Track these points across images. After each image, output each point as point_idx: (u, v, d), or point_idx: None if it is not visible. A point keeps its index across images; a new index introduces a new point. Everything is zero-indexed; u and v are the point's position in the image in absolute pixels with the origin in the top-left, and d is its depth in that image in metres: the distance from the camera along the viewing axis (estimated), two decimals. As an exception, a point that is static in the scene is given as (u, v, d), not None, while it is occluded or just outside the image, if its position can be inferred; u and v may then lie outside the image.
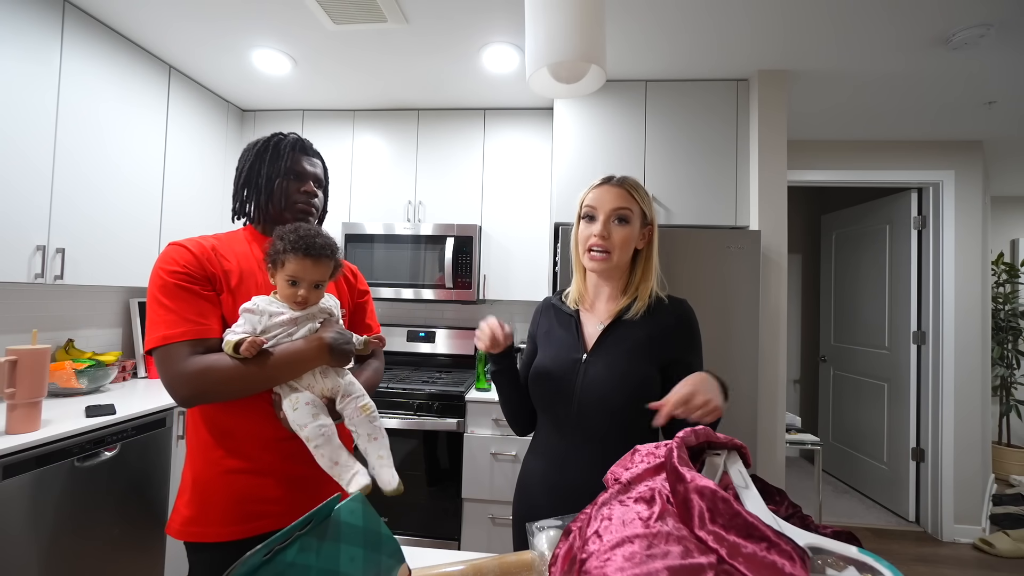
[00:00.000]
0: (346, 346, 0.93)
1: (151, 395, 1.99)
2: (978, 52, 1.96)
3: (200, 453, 0.95)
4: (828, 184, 3.07)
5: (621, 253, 1.00)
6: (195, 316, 0.88)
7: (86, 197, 1.89)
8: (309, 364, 0.90)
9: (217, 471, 0.93)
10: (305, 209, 1.04)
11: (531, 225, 2.62)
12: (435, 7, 1.81)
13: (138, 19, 1.94)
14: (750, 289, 2.00)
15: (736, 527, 0.45)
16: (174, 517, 0.95)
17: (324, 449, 0.87)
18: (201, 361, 0.86)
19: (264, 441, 0.94)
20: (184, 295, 0.89)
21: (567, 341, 1.05)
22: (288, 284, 0.91)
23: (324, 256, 0.92)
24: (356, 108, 2.75)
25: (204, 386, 0.85)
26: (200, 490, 0.93)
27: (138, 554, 1.78)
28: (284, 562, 0.52)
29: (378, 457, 0.90)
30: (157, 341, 0.86)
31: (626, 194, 1.00)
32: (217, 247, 0.96)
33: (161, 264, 0.90)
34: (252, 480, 0.93)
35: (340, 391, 0.93)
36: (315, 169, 1.07)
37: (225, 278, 0.94)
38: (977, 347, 2.88)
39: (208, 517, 0.92)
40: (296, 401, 0.89)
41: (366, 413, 0.93)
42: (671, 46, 2.03)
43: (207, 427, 0.95)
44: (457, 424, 2.22)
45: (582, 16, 0.89)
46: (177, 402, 0.87)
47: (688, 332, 1.01)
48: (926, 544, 2.80)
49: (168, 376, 0.86)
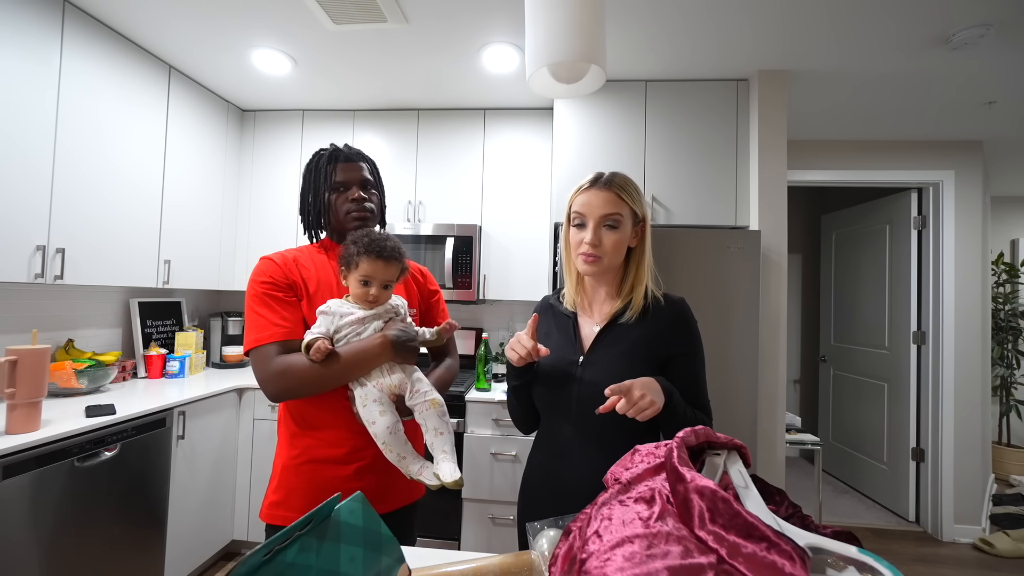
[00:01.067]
0: (410, 342, 0.99)
1: (151, 395, 1.99)
2: (978, 52, 1.96)
3: (288, 443, 1.05)
4: (828, 184, 3.07)
5: (613, 257, 0.99)
6: (280, 320, 0.98)
7: (86, 197, 1.89)
8: (375, 361, 0.97)
9: (302, 460, 1.02)
10: (359, 215, 1.09)
11: (531, 225, 2.62)
12: (435, 7, 1.81)
13: (138, 19, 1.94)
14: (750, 289, 1.99)
15: (736, 527, 0.45)
16: (265, 501, 1.05)
17: (391, 445, 0.94)
18: (283, 361, 0.95)
19: (345, 433, 1.02)
20: (271, 302, 0.99)
21: (564, 343, 1.05)
22: (360, 284, 0.99)
23: (393, 258, 1.00)
24: (356, 108, 2.75)
25: (285, 384, 0.94)
26: (287, 477, 1.03)
27: (138, 554, 1.78)
28: (284, 562, 0.52)
29: (442, 452, 0.95)
30: (250, 344, 0.97)
31: (615, 198, 0.97)
32: (299, 258, 1.07)
33: (253, 277, 1.02)
34: (331, 470, 1.02)
35: (408, 387, 0.98)
36: (358, 173, 1.11)
37: (304, 285, 1.04)
38: (977, 347, 2.88)
39: (292, 503, 1.01)
40: (365, 398, 0.96)
41: (435, 408, 0.97)
42: (671, 46, 2.03)
43: (294, 419, 1.05)
44: (457, 424, 2.22)
45: (582, 16, 0.89)
46: (268, 398, 0.96)
47: (685, 330, 1.01)
48: (926, 544, 2.80)
49: (259, 375, 0.96)
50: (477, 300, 2.57)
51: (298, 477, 1.02)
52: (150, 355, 2.32)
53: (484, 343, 2.42)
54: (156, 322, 2.50)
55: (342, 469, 1.02)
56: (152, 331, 2.46)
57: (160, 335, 2.50)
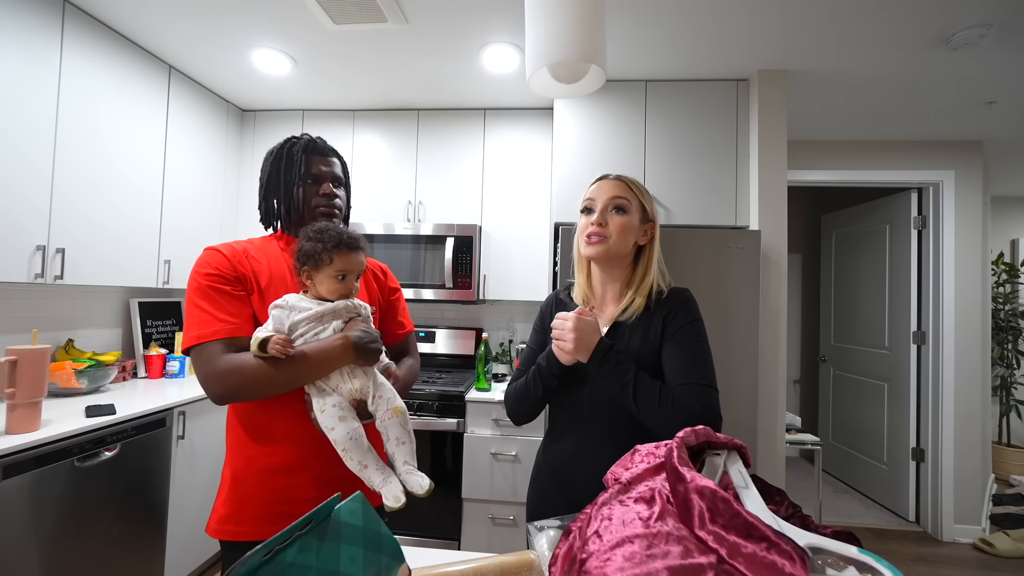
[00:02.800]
0: (372, 345, 0.92)
1: (151, 395, 1.99)
2: (978, 52, 1.96)
3: (238, 451, 0.96)
4: (828, 184, 3.07)
5: (618, 240, 0.99)
6: (227, 316, 0.90)
7: (86, 197, 1.89)
8: (335, 363, 0.90)
9: (255, 470, 0.94)
10: (327, 211, 1.04)
11: (531, 225, 2.62)
12: (435, 7, 1.81)
13: (138, 19, 1.94)
14: (750, 289, 1.99)
15: (736, 527, 0.45)
16: (212, 515, 0.96)
17: (352, 452, 0.87)
18: (231, 360, 0.87)
19: (300, 440, 0.95)
20: (216, 296, 0.91)
21: None
22: (337, 279, 0.93)
23: (362, 248, 0.97)
24: (356, 108, 2.75)
25: (234, 384, 0.86)
26: (237, 488, 0.95)
27: (138, 554, 1.78)
28: (284, 562, 0.52)
29: (404, 463, 0.89)
30: (192, 340, 0.89)
31: (623, 185, 1.02)
32: (249, 250, 0.99)
33: (196, 268, 0.94)
34: (288, 479, 0.94)
35: (370, 392, 0.92)
36: (331, 169, 1.06)
37: (255, 278, 0.96)
38: (977, 347, 2.88)
39: (244, 516, 0.94)
40: (323, 403, 0.90)
41: (397, 416, 0.92)
42: (671, 46, 2.03)
43: (244, 426, 0.96)
44: (457, 424, 2.22)
45: (582, 16, 0.89)
46: (212, 400, 0.88)
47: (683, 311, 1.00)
48: (926, 544, 2.80)
49: (202, 374, 0.88)
50: (477, 300, 2.57)
51: (251, 488, 0.94)
52: (150, 355, 2.32)
53: (484, 343, 2.42)
54: (156, 322, 2.50)
55: (298, 477, 0.95)
56: (152, 331, 2.46)
57: (160, 335, 2.50)
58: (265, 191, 1.05)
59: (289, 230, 1.06)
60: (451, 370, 2.74)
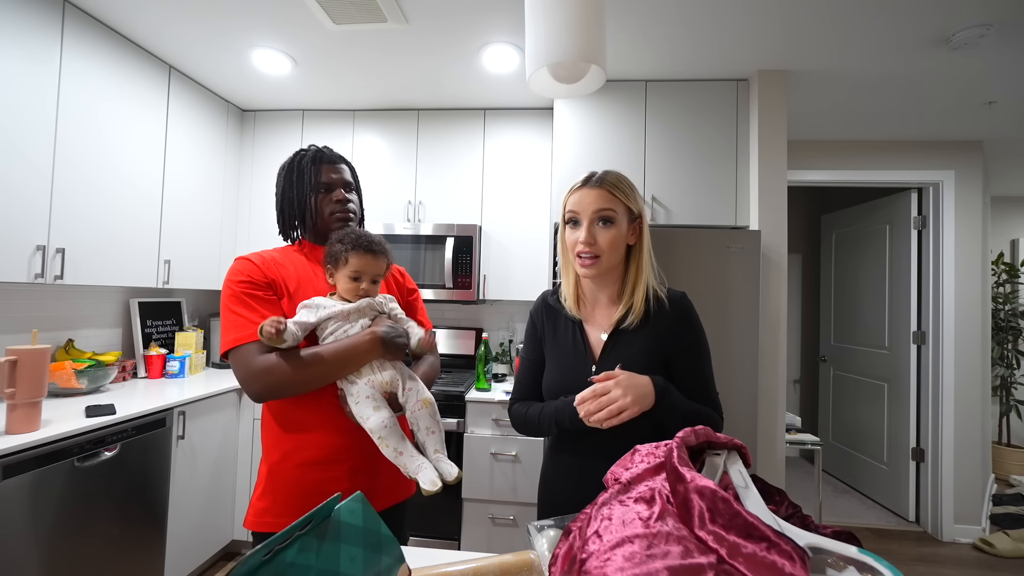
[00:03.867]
0: (398, 339, 0.98)
1: (151, 395, 1.99)
2: (978, 52, 1.96)
3: (274, 447, 1.01)
4: (828, 184, 3.07)
5: (610, 255, 0.97)
6: (261, 319, 0.94)
7: (86, 197, 1.89)
8: (364, 357, 0.95)
9: (291, 464, 0.99)
10: (343, 217, 1.09)
11: (531, 225, 2.62)
12: (435, 7, 1.81)
13: (138, 19, 1.94)
14: (750, 289, 1.99)
15: (736, 527, 0.45)
16: (250, 509, 1.01)
17: (388, 440, 0.92)
18: (266, 359, 0.91)
19: (334, 433, 1.00)
20: (250, 301, 0.97)
21: (575, 352, 1.02)
22: (351, 279, 1.00)
23: (381, 252, 1.02)
24: (356, 108, 2.75)
25: (269, 382, 0.90)
26: (274, 482, 0.99)
27: (138, 554, 1.78)
28: (284, 562, 0.52)
29: (435, 451, 0.95)
30: (229, 344, 0.93)
31: (607, 194, 0.96)
32: (276, 258, 1.05)
33: (229, 277, 0.99)
34: (323, 472, 0.99)
35: (400, 384, 0.98)
36: (341, 175, 1.11)
37: (284, 283, 1.02)
38: (977, 347, 2.88)
39: (281, 508, 0.98)
40: (357, 395, 0.95)
41: (427, 407, 0.97)
42: (671, 46, 2.03)
43: (278, 422, 1.01)
44: (457, 424, 2.22)
45: (582, 16, 0.89)
46: (251, 398, 0.93)
47: (688, 326, 1.00)
48: (926, 544, 2.80)
49: (241, 375, 0.92)
50: (477, 300, 2.56)
51: (287, 481, 0.99)
52: (150, 355, 2.32)
53: (484, 343, 2.42)
54: (156, 322, 2.50)
55: (333, 470, 0.99)
56: (152, 331, 2.46)
57: (160, 335, 2.50)
58: (281, 205, 1.11)
59: (309, 238, 1.12)
60: (451, 370, 2.74)
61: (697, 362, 1.00)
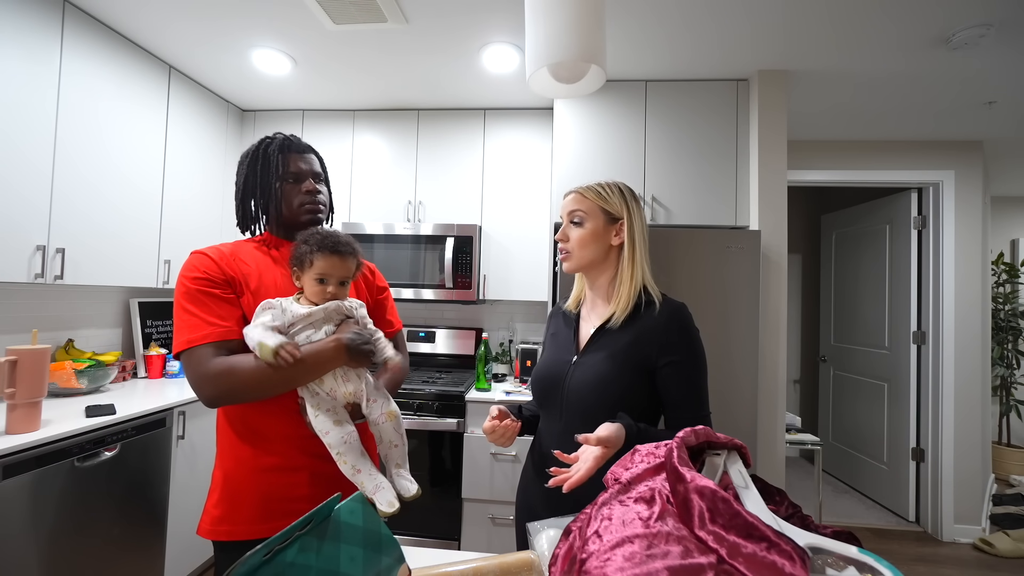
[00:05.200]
0: (364, 347, 0.92)
1: (151, 395, 1.99)
2: (978, 52, 1.96)
3: (230, 452, 0.96)
4: (828, 184, 3.07)
5: (580, 251, 1.03)
6: (216, 319, 0.90)
7: (86, 197, 1.89)
8: (327, 365, 0.91)
9: (247, 470, 0.94)
10: (313, 208, 1.03)
11: (531, 225, 2.62)
12: (435, 7, 1.81)
13: (138, 19, 1.94)
14: (750, 289, 1.99)
15: (736, 527, 0.45)
16: (204, 517, 0.95)
17: (346, 456, 0.88)
18: (224, 362, 0.86)
19: (293, 439, 0.95)
20: (205, 299, 0.90)
21: (565, 343, 1.08)
22: (317, 282, 0.94)
23: (348, 253, 0.96)
24: (356, 108, 2.75)
25: (226, 386, 0.86)
26: (230, 489, 0.94)
27: (138, 554, 1.78)
28: (284, 562, 0.52)
29: (396, 465, 0.92)
30: (182, 345, 0.88)
31: (580, 197, 1.04)
32: (236, 252, 0.98)
33: (184, 272, 0.93)
34: (282, 478, 0.94)
35: (364, 396, 0.93)
36: (310, 166, 1.05)
37: (244, 280, 0.95)
38: (977, 347, 2.88)
39: (237, 516, 0.93)
40: (317, 407, 0.90)
41: (391, 420, 0.94)
42: (671, 46, 2.03)
43: (235, 427, 0.95)
44: (457, 424, 2.22)
45: (582, 16, 0.89)
46: (203, 403, 0.88)
47: (679, 337, 0.97)
48: (926, 544, 2.80)
49: (193, 378, 0.87)
50: (477, 300, 2.56)
51: (244, 487, 0.93)
52: (150, 355, 2.32)
53: (484, 343, 2.42)
54: (156, 322, 2.50)
55: (292, 476, 0.94)
56: (152, 331, 2.46)
57: (160, 335, 2.50)
58: (243, 195, 1.03)
59: (274, 231, 1.05)
60: (451, 370, 2.74)
61: (687, 374, 0.97)
